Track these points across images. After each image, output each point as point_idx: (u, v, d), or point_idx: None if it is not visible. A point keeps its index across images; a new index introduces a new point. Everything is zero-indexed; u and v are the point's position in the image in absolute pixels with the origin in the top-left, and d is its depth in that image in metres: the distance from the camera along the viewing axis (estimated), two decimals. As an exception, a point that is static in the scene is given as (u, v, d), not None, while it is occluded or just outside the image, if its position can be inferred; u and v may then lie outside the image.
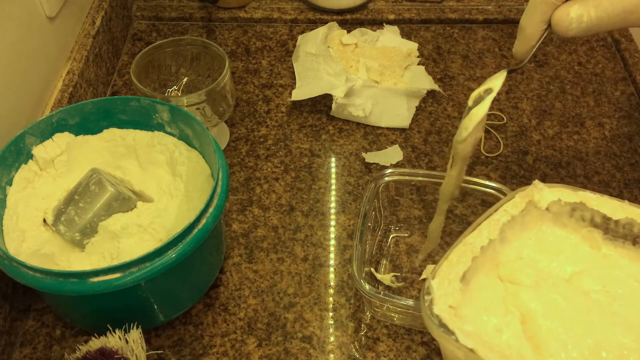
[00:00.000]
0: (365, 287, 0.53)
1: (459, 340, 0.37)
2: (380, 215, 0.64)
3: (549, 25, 0.44)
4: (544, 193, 0.45)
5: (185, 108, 0.61)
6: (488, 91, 0.45)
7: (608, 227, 0.45)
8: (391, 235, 0.65)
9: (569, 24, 0.42)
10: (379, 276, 0.61)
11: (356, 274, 0.54)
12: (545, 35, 0.44)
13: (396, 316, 0.58)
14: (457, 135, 0.46)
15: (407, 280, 0.62)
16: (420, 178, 0.62)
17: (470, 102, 0.45)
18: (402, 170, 0.62)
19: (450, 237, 0.65)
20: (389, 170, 0.61)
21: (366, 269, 0.60)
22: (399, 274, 0.62)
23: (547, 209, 0.46)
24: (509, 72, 0.46)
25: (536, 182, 0.46)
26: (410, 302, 0.53)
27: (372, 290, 0.53)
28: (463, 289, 0.40)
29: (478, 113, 0.44)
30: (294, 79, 0.81)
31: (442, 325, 0.38)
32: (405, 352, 0.57)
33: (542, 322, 0.40)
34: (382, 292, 0.54)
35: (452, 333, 0.37)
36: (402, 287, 0.61)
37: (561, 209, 0.46)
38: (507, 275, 0.43)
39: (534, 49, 0.45)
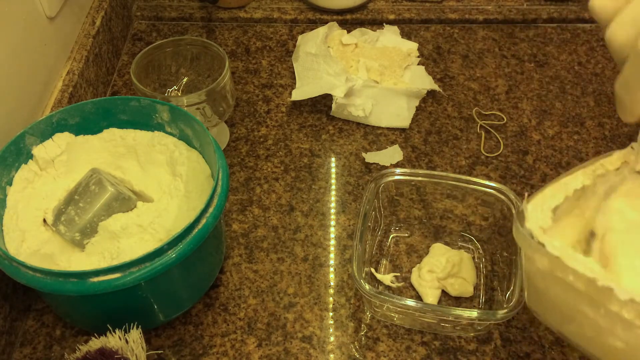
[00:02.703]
0: (365, 287, 0.53)
1: (547, 249, 0.38)
2: (380, 215, 0.64)
3: None
4: None
5: (185, 108, 0.61)
6: None
7: None
8: (391, 235, 0.65)
9: None
10: (379, 276, 0.61)
11: (356, 274, 0.54)
12: None
13: (396, 316, 0.58)
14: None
15: (407, 280, 0.62)
16: (420, 178, 0.62)
17: None
18: (402, 170, 0.62)
19: (450, 237, 0.65)
20: (389, 170, 0.61)
21: (366, 269, 0.60)
22: (399, 274, 0.62)
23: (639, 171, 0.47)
24: None
25: (634, 144, 0.47)
26: (410, 302, 0.53)
27: (372, 290, 0.53)
28: (553, 219, 0.42)
29: None
30: (294, 79, 0.81)
31: (532, 236, 0.40)
32: (405, 352, 0.57)
33: (621, 261, 0.41)
34: (382, 292, 0.54)
35: (541, 244, 0.39)
36: (402, 287, 0.61)
37: None
38: (595, 222, 0.44)
39: None
